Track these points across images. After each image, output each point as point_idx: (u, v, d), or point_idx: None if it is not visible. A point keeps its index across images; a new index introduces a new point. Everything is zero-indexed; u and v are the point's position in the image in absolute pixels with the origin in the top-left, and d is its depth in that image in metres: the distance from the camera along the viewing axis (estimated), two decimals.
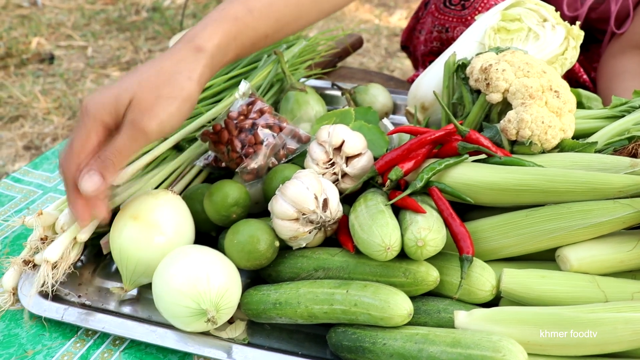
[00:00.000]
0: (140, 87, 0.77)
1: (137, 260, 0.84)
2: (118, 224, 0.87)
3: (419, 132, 0.89)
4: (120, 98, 0.77)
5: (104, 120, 0.77)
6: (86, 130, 0.77)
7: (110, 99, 0.77)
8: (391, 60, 2.86)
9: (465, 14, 1.32)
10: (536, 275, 0.78)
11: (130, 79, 0.78)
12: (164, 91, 0.78)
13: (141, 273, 0.85)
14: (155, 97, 0.77)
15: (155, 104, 0.77)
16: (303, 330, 0.85)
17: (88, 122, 0.77)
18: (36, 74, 2.65)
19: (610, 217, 0.77)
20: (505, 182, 0.81)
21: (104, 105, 0.77)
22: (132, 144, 0.77)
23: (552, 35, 1.09)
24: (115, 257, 0.86)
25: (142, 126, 0.76)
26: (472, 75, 0.96)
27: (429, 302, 0.78)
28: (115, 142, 0.77)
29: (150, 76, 0.78)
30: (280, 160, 0.97)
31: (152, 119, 0.76)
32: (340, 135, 0.89)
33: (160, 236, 0.85)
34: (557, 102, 0.91)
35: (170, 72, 0.79)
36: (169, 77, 0.79)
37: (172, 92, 0.78)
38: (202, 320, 0.77)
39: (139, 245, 0.84)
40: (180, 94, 0.79)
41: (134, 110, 0.76)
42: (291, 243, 0.83)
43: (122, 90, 0.77)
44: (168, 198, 0.89)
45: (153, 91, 0.77)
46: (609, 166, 0.84)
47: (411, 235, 0.75)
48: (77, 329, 0.86)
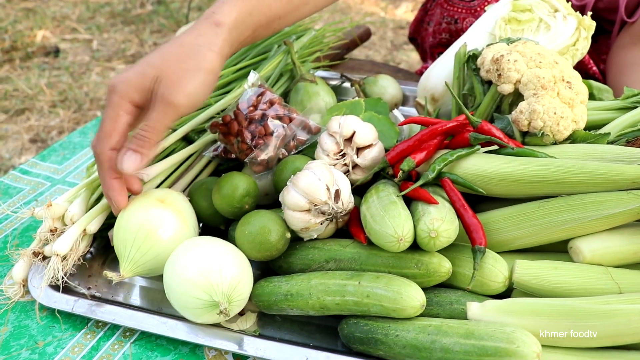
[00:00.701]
0: (164, 61, 0.78)
1: (152, 243, 0.81)
2: (140, 204, 0.84)
3: (430, 122, 0.89)
4: (146, 74, 0.77)
5: (132, 97, 0.78)
6: (115, 110, 0.78)
7: (137, 76, 0.77)
8: (397, 52, 2.85)
9: (474, 5, 1.31)
10: (549, 266, 0.77)
11: (154, 55, 0.79)
12: (188, 64, 0.78)
13: (149, 259, 0.82)
14: (181, 70, 0.78)
15: (181, 77, 0.77)
16: (314, 322, 0.84)
17: (116, 101, 0.77)
18: (41, 67, 2.65)
19: (624, 209, 0.76)
20: (517, 173, 0.81)
21: (131, 83, 0.77)
22: (164, 118, 0.78)
23: (563, 25, 1.08)
24: (124, 236, 0.82)
25: (172, 100, 0.77)
26: (483, 66, 0.96)
27: (441, 293, 0.78)
28: (148, 119, 0.78)
29: (173, 50, 0.79)
30: (290, 151, 0.96)
31: (180, 92, 0.77)
32: (351, 126, 0.89)
33: (184, 225, 0.84)
34: (569, 93, 0.90)
35: (192, 45, 0.80)
36: (191, 50, 0.79)
37: (197, 64, 0.79)
38: (213, 312, 0.76)
39: (163, 228, 0.82)
40: (204, 65, 0.79)
41: (161, 85, 0.77)
42: (302, 234, 0.83)
43: (147, 67, 0.78)
44: (183, 196, 0.90)
45: (178, 64, 0.78)
46: (622, 157, 0.84)
47: (424, 226, 0.74)
48: (88, 321, 0.85)
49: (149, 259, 0.82)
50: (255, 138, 0.94)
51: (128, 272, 0.82)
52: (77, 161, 1.23)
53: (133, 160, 0.77)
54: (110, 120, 0.78)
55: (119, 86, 0.77)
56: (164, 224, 0.83)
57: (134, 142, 0.78)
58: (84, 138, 1.31)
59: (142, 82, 0.77)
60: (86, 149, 1.26)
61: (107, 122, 0.78)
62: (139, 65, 0.79)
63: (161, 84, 0.77)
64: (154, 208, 0.84)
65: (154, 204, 0.84)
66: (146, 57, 0.80)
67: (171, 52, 0.79)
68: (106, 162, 0.79)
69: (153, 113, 0.77)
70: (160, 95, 0.77)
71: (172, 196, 0.87)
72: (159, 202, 0.84)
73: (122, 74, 0.79)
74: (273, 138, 0.94)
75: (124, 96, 0.77)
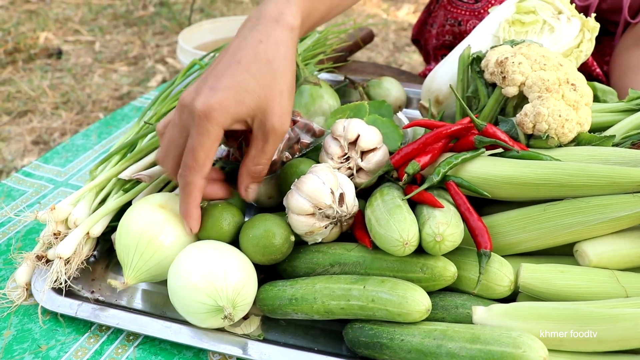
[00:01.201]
0: (260, 87, 0.75)
1: (155, 249, 0.81)
2: (140, 210, 0.84)
3: (435, 125, 0.88)
4: (244, 103, 0.74)
5: (228, 126, 0.75)
6: (211, 140, 0.74)
7: (235, 104, 0.74)
8: (399, 54, 2.85)
9: (478, 7, 1.31)
10: (555, 270, 0.77)
11: (243, 76, 0.74)
12: (283, 85, 0.76)
13: (153, 265, 0.82)
14: (279, 95, 0.76)
15: (282, 102, 0.76)
16: (318, 326, 0.84)
17: (213, 131, 0.73)
18: (44, 69, 2.65)
19: (630, 212, 0.76)
20: (523, 176, 0.80)
21: (229, 112, 0.73)
22: (274, 147, 0.78)
23: (567, 27, 1.08)
24: (126, 244, 0.82)
25: (284, 129, 0.77)
26: (488, 68, 0.95)
27: (447, 297, 0.77)
28: (265, 152, 0.78)
29: (264, 70, 0.75)
30: (294, 154, 0.96)
31: (286, 118, 0.77)
32: (356, 130, 0.88)
33: (184, 230, 0.84)
34: (574, 95, 0.90)
35: (279, 60, 0.76)
36: (279, 66, 0.76)
37: (289, 83, 0.77)
38: (218, 316, 0.76)
39: (165, 234, 0.82)
40: (292, 84, 0.78)
41: (267, 117, 0.75)
42: (307, 238, 0.83)
43: (244, 93, 0.74)
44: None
45: (275, 88, 0.75)
46: (627, 160, 0.83)
47: (429, 230, 0.74)
48: (91, 325, 0.85)
49: (152, 265, 0.82)
50: None
51: (132, 279, 0.81)
52: (80, 163, 1.22)
53: (255, 190, 0.83)
54: (206, 150, 0.74)
55: (215, 114, 0.72)
56: (166, 229, 0.82)
57: (254, 176, 0.81)
58: (87, 140, 1.30)
59: (241, 111, 0.74)
60: (89, 152, 1.26)
61: (201, 153, 0.74)
62: (229, 87, 0.74)
63: (267, 115, 0.75)
64: (155, 214, 0.83)
65: (154, 210, 0.84)
66: (233, 76, 0.74)
67: (262, 71, 0.75)
68: (197, 192, 0.78)
69: (267, 146, 0.77)
70: (270, 127, 0.76)
71: (173, 200, 0.87)
72: (159, 208, 0.84)
73: (211, 98, 0.73)
74: None
75: (222, 125, 0.73)
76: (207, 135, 0.73)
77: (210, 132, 0.73)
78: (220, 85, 0.73)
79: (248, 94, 0.74)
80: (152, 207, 0.84)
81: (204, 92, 0.73)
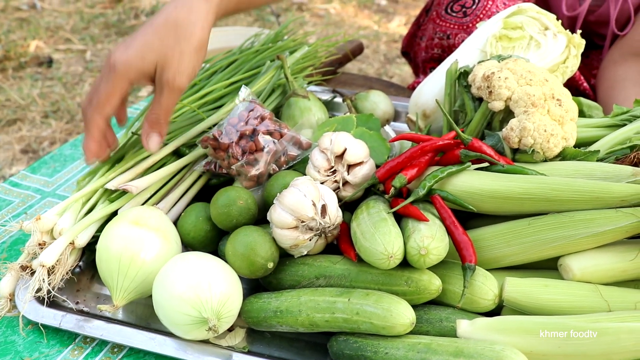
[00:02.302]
0: (163, 45, 0.86)
1: (138, 267, 0.81)
2: (116, 230, 0.84)
3: (421, 139, 0.89)
4: (145, 59, 0.85)
5: (131, 78, 0.86)
6: (113, 86, 0.85)
7: (137, 60, 0.85)
8: (390, 66, 2.86)
9: (466, 21, 1.32)
10: (539, 284, 0.78)
11: (151, 36, 0.86)
12: (185, 46, 0.87)
13: (139, 282, 0.82)
14: (180, 54, 0.86)
15: (181, 61, 0.86)
16: (303, 339, 0.84)
17: (116, 79, 0.85)
18: (34, 78, 2.64)
19: (613, 226, 0.77)
20: (508, 190, 0.81)
21: (132, 66, 0.85)
22: (172, 101, 0.89)
23: (553, 43, 1.09)
24: (107, 267, 0.82)
25: (177, 84, 0.87)
26: (475, 83, 0.96)
27: (431, 310, 0.78)
28: (159, 103, 0.88)
29: (169, 32, 0.86)
30: (281, 167, 0.96)
31: (183, 75, 0.87)
32: (342, 143, 0.89)
33: (165, 242, 0.84)
34: (559, 110, 0.91)
35: (186, 23, 0.87)
36: (186, 29, 0.87)
37: (193, 46, 0.87)
38: (202, 328, 0.76)
39: (145, 250, 0.82)
40: (199, 45, 0.88)
41: (165, 71, 0.86)
42: (292, 251, 0.83)
43: (147, 50, 0.85)
44: (158, 211, 0.90)
45: (175, 48, 0.86)
46: (611, 175, 0.84)
47: (414, 244, 0.74)
48: (75, 336, 0.85)
49: (138, 283, 0.82)
50: (246, 154, 0.94)
51: (121, 301, 0.81)
52: (68, 174, 1.22)
53: (156, 141, 0.91)
54: (106, 94, 0.86)
55: (119, 67, 0.84)
56: (145, 245, 0.82)
57: (151, 125, 0.90)
58: (75, 150, 1.30)
59: (142, 66, 0.85)
60: (77, 162, 1.26)
61: (102, 95, 0.86)
62: (138, 46, 0.85)
63: (164, 70, 0.86)
64: (131, 232, 0.83)
65: (129, 228, 0.83)
66: (143, 36, 0.86)
67: (168, 32, 0.86)
68: (95, 128, 0.88)
69: (162, 97, 0.87)
70: (165, 80, 0.86)
71: (146, 214, 0.86)
72: (134, 225, 0.84)
73: (122, 54, 0.85)
74: (264, 154, 0.94)
75: (123, 77, 0.85)
76: (112, 83, 0.85)
77: (114, 81, 0.85)
78: (132, 45, 0.86)
79: (151, 52, 0.86)
80: (127, 225, 0.84)
81: (120, 49, 0.86)
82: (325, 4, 3.53)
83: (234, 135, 0.96)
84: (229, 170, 0.97)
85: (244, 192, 0.90)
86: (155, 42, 0.86)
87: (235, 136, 0.96)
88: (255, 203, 0.90)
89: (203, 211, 0.92)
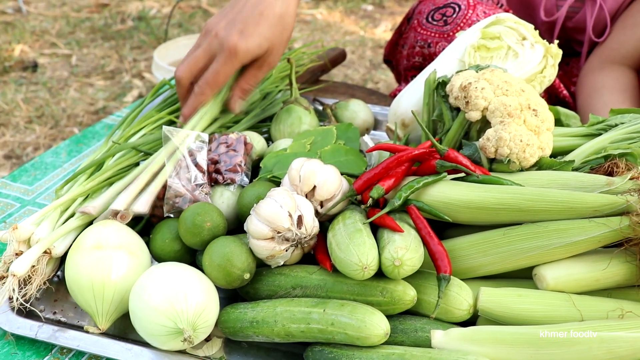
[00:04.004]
0: (274, 36, 1.03)
1: (113, 289, 0.81)
2: (79, 259, 0.83)
3: (397, 149, 0.90)
4: (262, 47, 1.03)
5: (245, 62, 1.03)
6: (232, 68, 1.02)
7: (257, 48, 1.02)
8: (376, 72, 2.87)
9: (447, 30, 1.33)
10: (512, 294, 0.78)
11: (266, 28, 1.02)
12: (286, 35, 1.05)
13: (118, 302, 0.82)
14: (283, 42, 1.05)
15: (282, 47, 1.06)
16: (280, 349, 0.84)
17: (235, 63, 1.01)
18: (19, 82, 2.63)
19: (586, 236, 0.78)
20: (483, 200, 0.82)
21: (251, 53, 1.02)
22: (264, 75, 1.08)
23: (531, 53, 1.10)
24: (82, 296, 0.82)
25: (272, 64, 1.07)
26: (452, 93, 0.97)
27: (406, 320, 0.78)
28: (257, 77, 1.07)
29: (278, 24, 1.03)
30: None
31: (277, 58, 1.07)
32: (311, 181, 0.86)
33: (132, 257, 0.84)
34: (535, 120, 0.92)
35: (287, 16, 1.04)
36: (287, 21, 1.04)
37: (289, 34, 1.06)
38: (178, 339, 0.76)
39: (114, 271, 0.82)
40: (291, 33, 1.07)
41: (271, 55, 1.05)
42: (269, 262, 0.83)
43: (263, 40, 1.02)
44: (116, 225, 0.88)
45: (282, 37, 1.04)
46: (586, 185, 0.85)
47: (388, 255, 0.75)
48: (52, 347, 0.84)
49: (118, 303, 0.82)
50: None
51: (106, 324, 0.82)
52: (49, 182, 1.22)
53: (240, 104, 1.10)
54: (224, 76, 1.02)
55: (241, 54, 1.00)
56: (113, 266, 0.82)
57: (244, 92, 1.09)
58: (57, 158, 1.30)
59: (259, 53, 1.03)
60: (58, 170, 1.26)
61: (221, 76, 1.02)
62: (257, 36, 1.01)
63: (271, 54, 1.04)
64: (94, 257, 0.82)
65: (91, 254, 0.83)
66: (258, 26, 1.01)
67: (277, 25, 1.03)
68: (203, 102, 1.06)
69: (259, 73, 1.07)
70: (268, 62, 1.06)
71: (104, 234, 0.85)
72: (95, 250, 0.83)
73: (242, 41, 1.00)
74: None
75: (242, 61, 1.02)
76: (231, 65, 1.02)
77: (233, 64, 1.02)
78: (249, 32, 1.01)
79: (266, 41, 1.02)
80: (89, 251, 0.83)
81: (235, 33, 1.00)
82: (312, 9, 3.54)
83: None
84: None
85: (209, 212, 0.88)
86: (268, 33, 1.02)
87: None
88: (222, 217, 0.89)
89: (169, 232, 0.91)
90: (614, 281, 0.79)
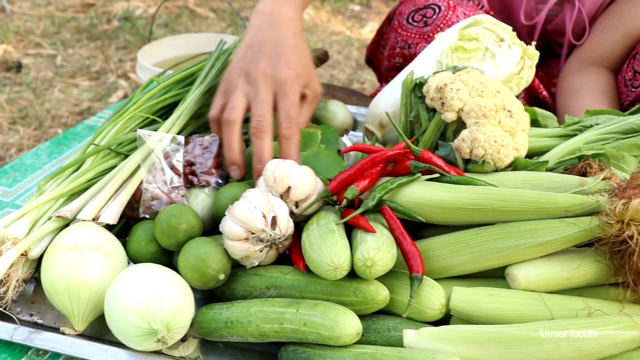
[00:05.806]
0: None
1: (89, 290, 0.81)
2: (55, 261, 0.83)
3: (372, 150, 0.90)
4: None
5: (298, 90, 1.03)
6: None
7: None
8: (362, 72, 2.88)
9: (427, 31, 1.34)
10: (484, 293, 0.79)
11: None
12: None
13: (94, 304, 0.82)
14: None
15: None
16: (256, 349, 0.85)
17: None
18: (2, 83, 2.61)
19: (557, 236, 0.79)
20: (456, 201, 0.82)
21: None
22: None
23: (508, 55, 1.11)
24: (58, 299, 0.82)
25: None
26: (428, 94, 0.98)
27: (379, 320, 0.79)
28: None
29: (303, 54, 1.06)
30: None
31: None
32: (286, 182, 0.86)
33: (108, 258, 0.84)
34: (510, 121, 0.93)
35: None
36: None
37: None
38: (152, 340, 0.76)
39: (90, 272, 0.82)
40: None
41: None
42: (244, 262, 0.83)
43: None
44: (93, 226, 0.89)
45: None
46: (559, 185, 0.86)
47: (360, 255, 0.75)
48: (28, 349, 0.85)
49: (94, 304, 0.82)
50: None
51: (82, 325, 0.82)
52: (29, 184, 1.21)
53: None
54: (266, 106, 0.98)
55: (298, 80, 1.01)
56: (88, 268, 0.82)
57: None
58: (37, 160, 1.30)
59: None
60: (38, 171, 1.25)
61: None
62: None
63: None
64: (70, 257, 0.83)
65: (67, 255, 0.83)
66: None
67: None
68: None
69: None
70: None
71: (80, 236, 0.85)
72: (71, 251, 0.83)
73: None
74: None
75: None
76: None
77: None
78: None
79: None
80: (65, 253, 0.83)
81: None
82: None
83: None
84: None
85: (184, 213, 0.88)
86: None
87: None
88: (198, 218, 0.89)
89: (145, 234, 0.91)
90: (585, 280, 0.80)
